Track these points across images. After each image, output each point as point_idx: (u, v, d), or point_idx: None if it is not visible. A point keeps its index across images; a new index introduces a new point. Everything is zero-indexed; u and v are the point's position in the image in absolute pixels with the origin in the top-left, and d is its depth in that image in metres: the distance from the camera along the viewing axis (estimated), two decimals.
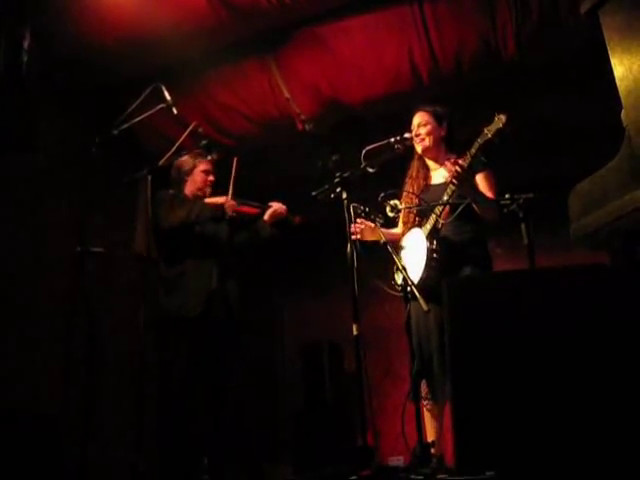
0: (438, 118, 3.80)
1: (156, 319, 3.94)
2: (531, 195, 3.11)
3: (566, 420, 2.04)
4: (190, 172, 4.26)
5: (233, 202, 4.03)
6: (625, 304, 2.20)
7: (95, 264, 3.57)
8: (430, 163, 3.84)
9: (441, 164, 3.76)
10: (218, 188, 4.23)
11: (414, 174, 3.84)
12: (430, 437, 3.41)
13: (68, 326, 3.37)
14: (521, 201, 3.10)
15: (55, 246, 4.56)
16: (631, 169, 2.80)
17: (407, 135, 3.65)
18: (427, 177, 3.80)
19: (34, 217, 4.52)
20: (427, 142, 3.75)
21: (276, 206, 4.23)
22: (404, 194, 3.76)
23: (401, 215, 3.79)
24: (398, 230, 3.86)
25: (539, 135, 5.21)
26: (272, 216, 4.21)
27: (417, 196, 3.68)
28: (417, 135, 3.74)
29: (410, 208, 3.71)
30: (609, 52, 3.03)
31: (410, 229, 3.72)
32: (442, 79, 4.58)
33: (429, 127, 3.76)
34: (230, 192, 4.09)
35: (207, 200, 4.10)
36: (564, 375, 2.08)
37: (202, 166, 4.23)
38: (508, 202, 3.15)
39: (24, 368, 4.14)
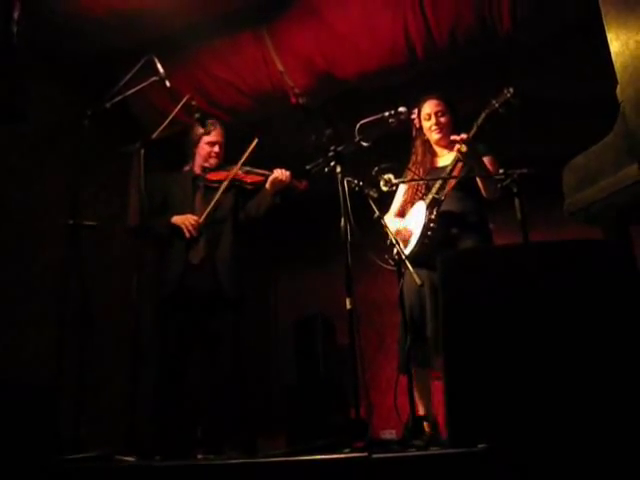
0: (450, 106, 3.81)
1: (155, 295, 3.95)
2: (525, 171, 3.12)
3: (559, 393, 2.06)
4: (196, 144, 4.19)
5: (194, 224, 3.90)
6: (617, 279, 2.21)
7: (88, 237, 3.56)
8: (438, 149, 3.85)
9: (451, 149, 3.77)
10: (229, 161, 4.17)
11: (419, 158, 3.83)
12: (421, 408, 3.44)
13: (61, 299, 3.36)
14: (515, 176, 3.12)
15: (47, 219, 4.54)
16: (626, 145, 2.80)
17: (401, 109, 3.64)
18: (433, 162, 3.81)
19: (25, 189, 4.50)
20: (445, 131, 3.76)
21: (277, 173, 4.00)
22: (409, 176, 3.76)
23: (405, 196, 3.80)
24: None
25: (534, 111, 5.19)
26: (273, 184, 4.00)
27: (426, 173, 3.69)
28: (437, 124, 3.75)
29: (404, 182, 3.71)
30: (605, 27, 3.00)
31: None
32: (437, 54, 4.55)
33: (447, 116, 3.77)
34: (237, 167, 4.05)
35: (175, 218, 3.96)
36: (557, 348, 2.10)
37: (207, 137, 4.15)
38: (502, 177, 3.17)
39: (17, 340, 4.15)
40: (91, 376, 3.56)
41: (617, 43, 2.94)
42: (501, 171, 3.18)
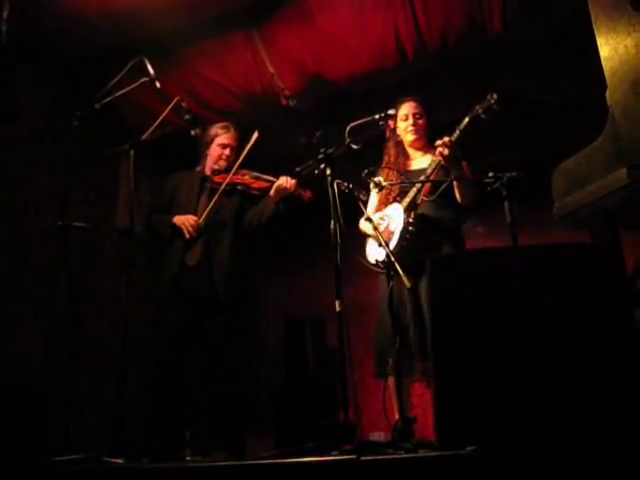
0: (428, 109, 3.82)
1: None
2: (514, 174, 3.12)
3: (547, 396, 2.06)
4: (208, 146, 4.19)
5: (193, 224, 3.89)
6: (605, 282, 2.22)
7: (77, 238, 3.55)
8: (411, 151, 3.85)
9: (425, 152, 3.77)
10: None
11: (392, 159, 3.83)
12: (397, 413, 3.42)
13: (50, 300, 3.35)
14: (505, 179, 3.12)
15: (37, 220, 4.52)
16: (614, 149, 2.82)
17: (391, 112, 3.64)
18: (406, 164, 3.82)
19: (15, 190, 4.47)
20: (420, 133, 3.77)
21: (281, 181, 3.95)
22: (383, 175, 3.75)
23: (379, 196, 3.79)
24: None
25: (524, 114, 5.21)
26: (277, 191, 3.96)
27: (400, 174, 3.69)
28: (414, 125, 3.76)
29: (393, 185, 3.71)
30: (595, 31, 3.03)
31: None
32: (427, 56, 4.55)
33: (424, 119, 3.78)
34: (237, 165, 4.04)
35: (176, 218, 3.96)
36: (545, 352, 2.10)
37: (219, 139, 4.16)
38: (492, 180, 3.17)
39: (6, 341, 4.12)
40: (80, 378, 3.55)
41: (607, 48, 2.96)
42: (491, 174, 3.19)
